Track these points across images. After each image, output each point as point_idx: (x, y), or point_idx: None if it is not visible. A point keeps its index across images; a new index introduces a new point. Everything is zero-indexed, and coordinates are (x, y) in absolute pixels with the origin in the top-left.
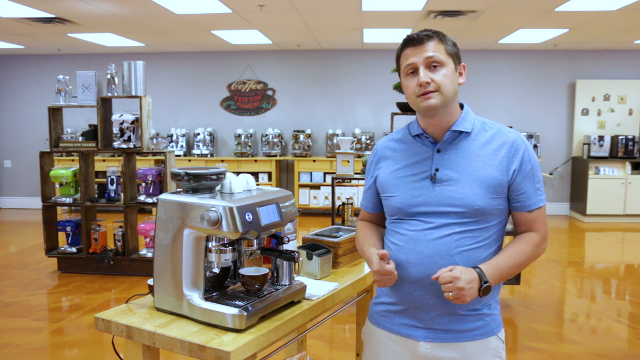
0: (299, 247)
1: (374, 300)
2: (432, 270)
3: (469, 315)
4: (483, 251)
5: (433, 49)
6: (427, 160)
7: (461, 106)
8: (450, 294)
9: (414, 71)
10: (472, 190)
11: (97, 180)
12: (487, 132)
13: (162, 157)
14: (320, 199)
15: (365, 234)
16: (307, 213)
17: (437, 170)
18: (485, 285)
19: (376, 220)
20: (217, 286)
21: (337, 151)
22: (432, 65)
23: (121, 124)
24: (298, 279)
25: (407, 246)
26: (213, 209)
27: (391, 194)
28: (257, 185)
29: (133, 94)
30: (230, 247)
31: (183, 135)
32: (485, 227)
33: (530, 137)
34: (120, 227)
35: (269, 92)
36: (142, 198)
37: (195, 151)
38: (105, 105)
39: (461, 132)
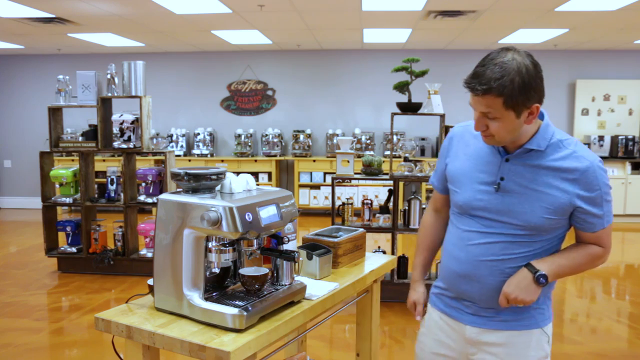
0: (299, 247)
1: (434, 283)
2: (477, 271)
3: (512, 309)
4: (530, 260)
5: (489, 104)
6: (494, 167)
7: (541, 116)
8: (516, 306)
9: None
10: (532, 208)
11: (97, 180)
12: (561, 151)
13: (162, 157)
14: (320, 199)
15: (424, 240)
16: (307, 213)
17: (502, 179)
18: (538, 274)
19: (444, 202)
20: (217, 286)
21: (337, 151)
22: (488, 117)
23: (121, 124)
24: (298, 279)
25: (459, 243)
26: (213, 209)
27: (456, 189)
28: (257, 185)
29: (133, 94)
30: (230, 247)
31: (183, 135)
32: (539, 240)
33: None
34: (120, 227)
35: (269, 92)
36: (142, 198)
37: (195, 151)
38: (105, 105)
39: (533, 149)
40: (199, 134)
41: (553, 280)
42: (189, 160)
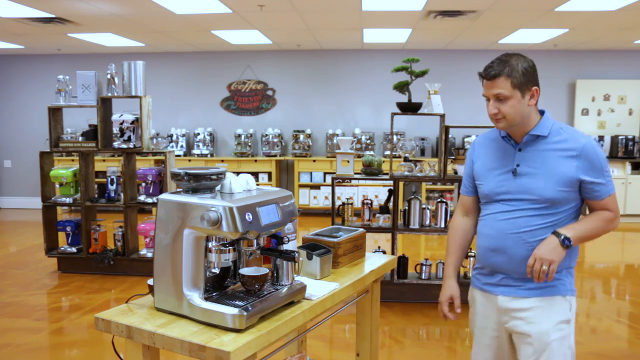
0: (299, 247)
1: (473, 267)
2: (505, 242)
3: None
4: (549, 230)
5: (500, 86)
6: (510, 157)
7: (542, 112)
8: (544, 267)
9: (489, 99)
10: (545, 183)
11: (97, 180)
12: (562, 135)
13: (162, 157)
14: (320, 199)
15: (455, 242)
16: (307, 213)
17: (518, 165)
18: (563, 237)
19: (473, 204)
20: (217, 286)
21: (337, 151)
22: (499, 98)
23: (121, 124)
24: (298, 279)
25: (488, 223)
26: (213, 209)
27: (482, 182)
28: (257, 185)
29: (133, 94)
30: (230, 247)
31: (183, 135)
32: (556, 213)
33: None
34: (120, 227)
35: (269, 92)
36: (142, 198)
37: (195, 151)
38: (105, 105)
39: (538, 135)
40: (199, 134)
41: (577, 243)
42: (189, 160)
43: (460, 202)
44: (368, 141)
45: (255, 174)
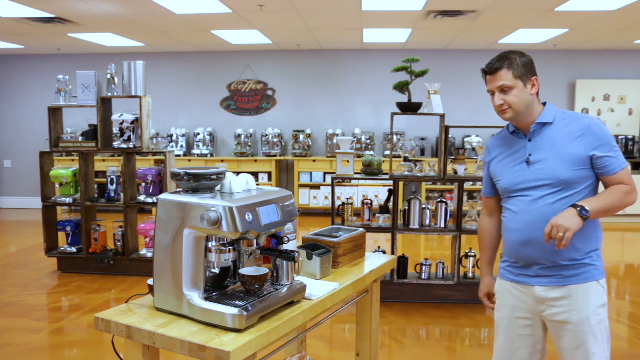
0: (299, 247)
1: (500, 260)
2: (535, 234)
3: (571, 265)
4: None
5: (503, 78)
6: (522, 149)
7: (545, 104)
8: (560, 234)
9: (493, 93)
10: (558, 165)
11: (97, 180)
12: (566, 119)
13: (162, 157)
14: (320, 199)
15: (485, 241)
16: (307, 213)
17: (530, 155)
18: (580, 207)
19: (496, 204)
20: (217, 286)
21: (337, 151)
22: (503, 90)
23: (121, 124)
24: (298, 279)
25: (514, 218)
26: (213, 209)
27: (499, 178)
28: (257, 185)
29: (133, 94)
30: (230, 247)
31: (183, 135)
32: (575, 193)
33: None
34: (120, 227)
35: (269, 92)
36: (142, 198)
37: (195, 151)
38: (105, 105)
39: (545, 123)
40: (199, 134)
41: (595, 215)
42: (189, 160)
43: (484, 204)
44: (368, 141)
45: (255, 174)
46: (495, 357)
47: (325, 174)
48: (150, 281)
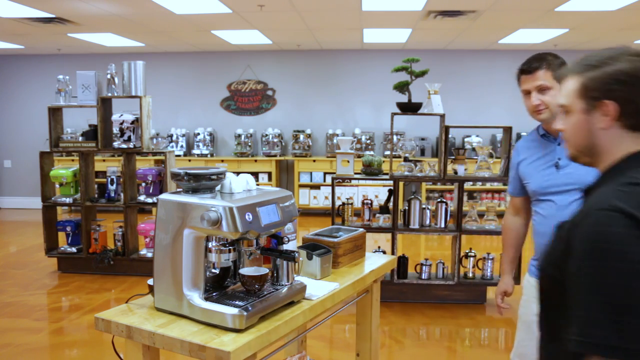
0: (299, 247)
1: (531, 257)
2: None
3: None
4: None
5: (542, 77)
6: (552, 153)
7: None
8: None
9: (529, 93)
10: (587, 170)
11: (97, 180)
12: None
13: (162, 157)
14: (320, 199)
15: (508, 239)
16: (307, 213)
17: (559, 159)
18: None
19: (522, 204)
20: (217, 286)
21: (337, 151)
22: (541, 90)
23: (121, 124)
24: (298, 279)
25: (543, 222)
26: (213, 209)
27: (528, 181)
28: (257, 185)
29: (133, 94)
30: (230, 247)
31: (183, 135)
32: None
33: None
34: (120, 227)
35: (269, 92)
36: (142, 198)
37: (195, 151)
38: (105, 105)
39: None
40: (199, 134)
41: None
42: (189, 160)
43: (511, 203)
44: (368, 141)
45: (255, 174)
46: (514, 351)
47: (325, 174)
48: (150, 281)
